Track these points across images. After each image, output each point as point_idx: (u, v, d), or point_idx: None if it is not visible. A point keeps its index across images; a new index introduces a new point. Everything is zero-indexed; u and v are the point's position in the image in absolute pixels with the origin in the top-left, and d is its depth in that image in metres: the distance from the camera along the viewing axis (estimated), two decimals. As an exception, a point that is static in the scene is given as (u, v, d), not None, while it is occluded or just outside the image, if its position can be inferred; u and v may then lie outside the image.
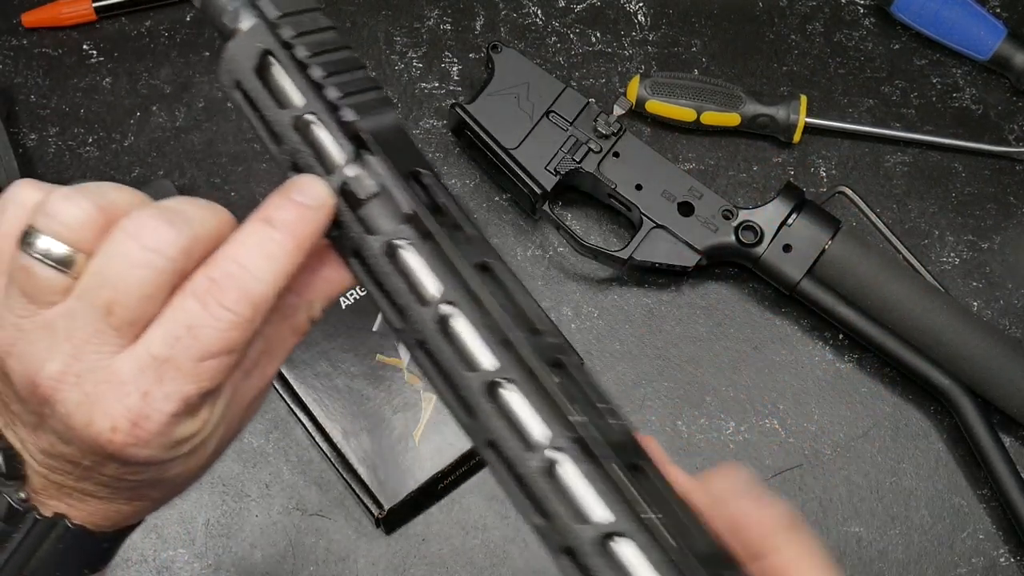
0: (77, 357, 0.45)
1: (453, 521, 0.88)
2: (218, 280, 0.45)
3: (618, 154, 0.92)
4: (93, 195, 0.46)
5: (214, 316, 0.45)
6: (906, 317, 0.89)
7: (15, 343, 0.46)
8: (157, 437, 0.46)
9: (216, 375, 0.46)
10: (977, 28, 0.98)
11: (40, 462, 0.49)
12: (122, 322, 0.45)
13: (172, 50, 1.00)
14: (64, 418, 0.46)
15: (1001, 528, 0.89)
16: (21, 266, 0.45)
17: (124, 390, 0.45)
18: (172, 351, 0.45)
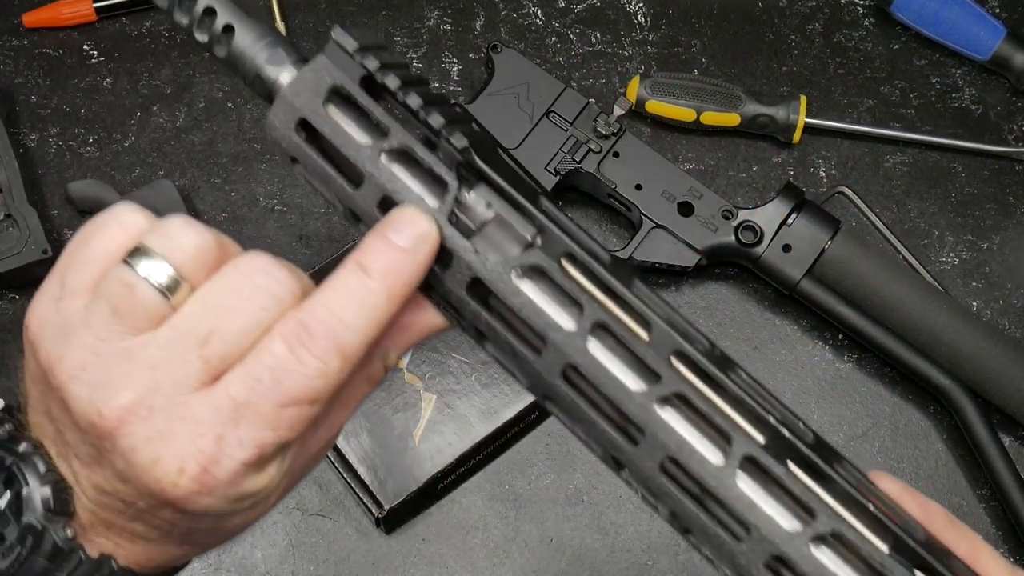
0: (155, 390, 0.43)
1: (453, 521, 0.88)
2: (309, 325, 0.43)
3: (618, 154, 0.92)
4: (213, 231, 0.45)
5: (301, 362, 0.43)
6: (906, 317, 0.89)
7: (86, 367, 0.43)
8: (224, 486, 0.43)
9: (295, 425, 0.43)
10: (977, 28, 0.99)
11: (91, 498, 0.46)
12: (214, 355, 0.43)
13: (173, 50, 1.00)
14: (127, 453, 0.43)
15: (1001, 528, 0.89)
16: (124, 282, 0.43)
17: (198, 430, 0.42)
18: (253, 394, 0.43)
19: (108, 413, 0.43)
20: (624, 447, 0.43)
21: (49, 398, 0.45)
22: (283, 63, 0.48)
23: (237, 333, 0.43)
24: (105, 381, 0.43)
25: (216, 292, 0.44)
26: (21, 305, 0.92)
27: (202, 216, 0.95)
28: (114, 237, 0.45)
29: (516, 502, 0.88)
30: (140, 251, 0.44)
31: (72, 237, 0.46)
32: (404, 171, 0.46)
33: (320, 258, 0.92)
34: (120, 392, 0.43)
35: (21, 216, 0.90)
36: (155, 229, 0.44)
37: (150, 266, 0.43)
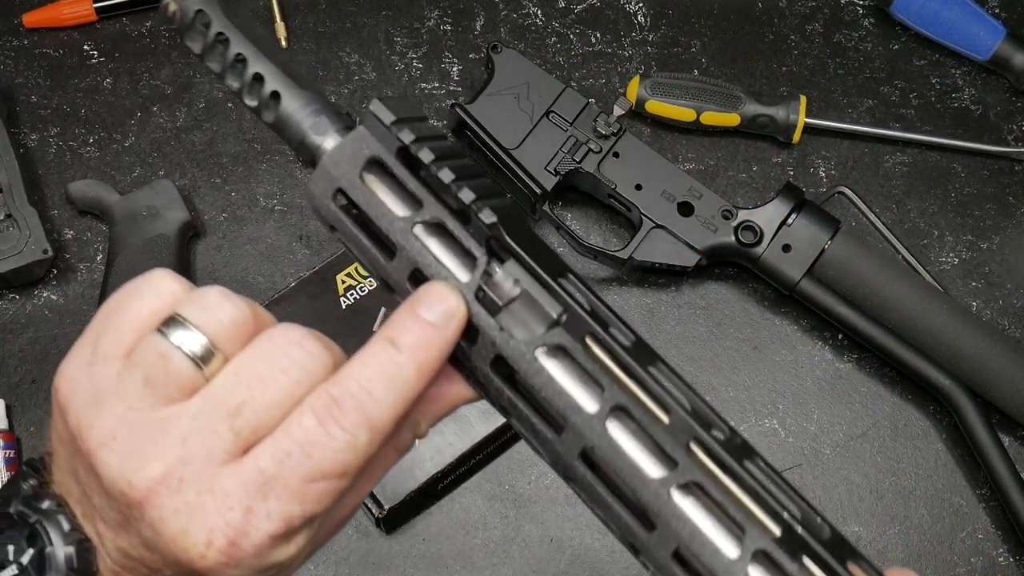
0: (186, 461, 0.43)
1: (453, 521, 0.88)
2: (339, 400, 0.43)
3: (618, 154, 0.92)
4: (248, 301, 0.45)
5: (331, 436, 0.43)
6: (906, 317, 0.89)
7: (116, 436, 0.43)
8: (251, 559, 0.43)
9: (323, 499, 0.43)
10: (976, 28, 0.99)
11: (116, 560, 0.46)
12: (245, 426, 0.43)
13: (173, 50, 1.00)
14: (155, 523, 0.43)
15: (1000, 528, 0.89)
16: (158, 352, 0.43)
17: (227, 503, 0.42)
18: (282, 468, 0.43)
19: (138, 483, 0.43)
20: (639, 533, 0.43)
21: (77, 461, 0.45)
22: (327, 131, 0.48)
23: (268, 405, 0.43)
24: (136, 451, 0.43)
25: (249, 363, 0.44)
26: (21, 305, 0.92)
27: (202, 216, 0.95)
28: (149, 304, 0.45)
29: (516, 502, 0.88)
30: (175, 321, 0.44)
31: (106, 301, 0.46)
32: (437, 243, 0.46)
33: (320, 258, 0.92)
34: (151, 463, 0.43)
35: (21, 216, 0.90)
36: (191, 299, 0.44)
37: (184, 336, 0.43)
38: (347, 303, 0.88)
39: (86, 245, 0.94)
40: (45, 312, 0.92)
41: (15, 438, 0.88)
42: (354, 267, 0.88)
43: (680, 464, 0.43)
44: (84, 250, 0.94)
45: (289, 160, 0.96)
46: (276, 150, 0.97)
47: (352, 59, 1.00)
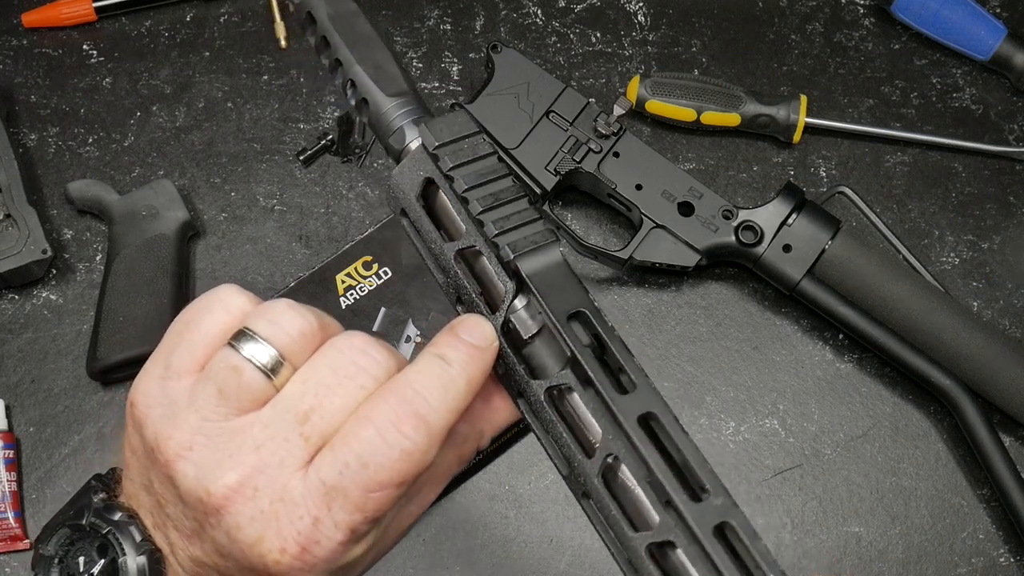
0: (260, 470, 0.44)
1: (453, 521, 0.88)
2: (396, 408, 0.44)
3: (618, 154, 0.92)
4: (314, 311, 0.47)
5: (388, 445, 0.44)
6: (906, 317, 0.89)
7: (193, 447, 0.45)
8: (323, 563, 0.45)
9: (383, 507, 0.45)
10: (977, 28, 0.98)
11: (187, 569, 0.47)
12: (314, 432, 0.44)
13: (172, 50, 1.00)
14: (231, 531, 0.44)
15: (1001, 528, 0.89)
16: (230, 365, 0.45)
17: (297, 512, 0.44)
18: (342, 479, 0.44)
19: (215, 491, 0.44)
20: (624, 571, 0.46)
21: (152, 472, 0.46)
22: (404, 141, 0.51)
23: (336, 411, 0.45)
24: (212, 461, 0.44)
25: (315, 372, 0.45)
26: (20, 305, 0.92)
27: (202, 216, 0.95)
28: (219, 320, 0.47)
29: (516, 502, 0.88)
30: (245, 334, 0.45)
31: (177, 318, 0.48)
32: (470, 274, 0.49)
33: (319, 258, 0.92)
34: (227, 472, 0.44)
35: (21, 216, 0.90)
36: (259, 312, 0.46)
37: (254, 349, 0.45)
38: (347, 303, 0.88)
39: (85, 245, 0.94)
40: (44, 312, 0.92)
41: (15, 438, 0.88)
42: (354, 267, 0.88)
43: (663, 524, 0.45)
44: (83, 250, 0.94)
45: (289, 160, 0.96)
46: (276, 150, 0.97)
47: (352, 59, 0.99)
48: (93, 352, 0.88)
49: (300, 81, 0.99)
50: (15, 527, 0.85)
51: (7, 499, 0.85)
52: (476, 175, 0.48)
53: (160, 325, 0.88)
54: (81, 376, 0.90)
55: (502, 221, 0.47)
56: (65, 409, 0.90)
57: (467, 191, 0.48)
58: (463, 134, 0.49)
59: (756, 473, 0.90)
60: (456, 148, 0.48)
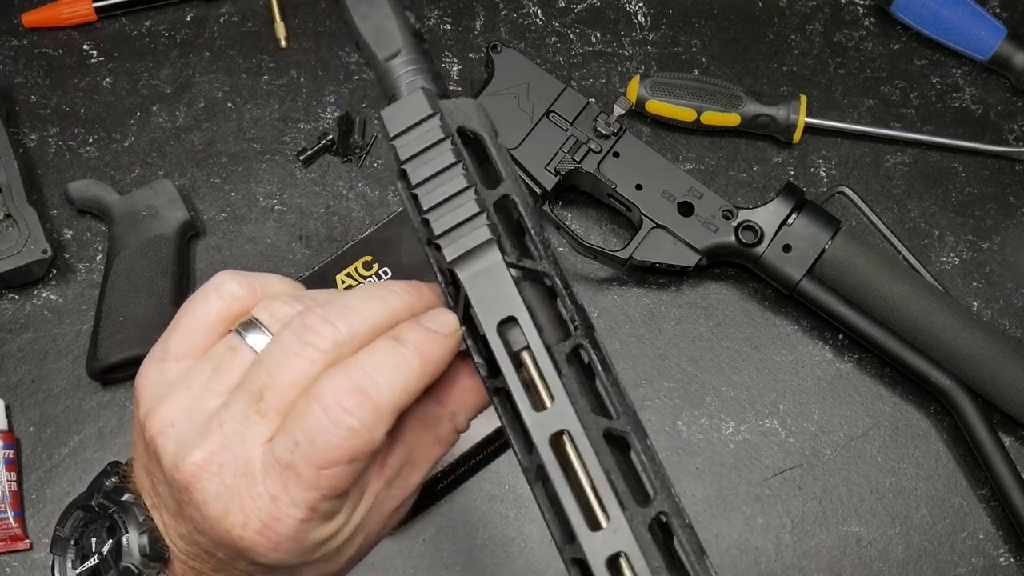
0: (225, 447, 0.46)
1: (453, 521, 0.88)
2: (340, 384, 0.45)
3: (618, 154, 0.92)
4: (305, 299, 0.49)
5: (334, 423, 0.45)
6: (906, 317, 0.89)
7: (175, 424, 0.47)
8: (288, 541, 0.46)
9: (338, 484, 0.46)
10: (977, 28, 0.98)
11: (180, 548, 0.49)
12: (269, 408, 0.46)
13: (172, 50, 1.00)
14: (200, 506, 0.46)
15: (1001, 528, 0.89)
16: (230, 345, 0.48)
17: (257, 489, 0.45)
18: (293, 457, 0.45)
19: (184, 468, 0.46)
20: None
21: (146, 452, 0.48)
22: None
23: (288, 387, 0.46)
24: (187, 438, 0.46)
25: (270, 351, 0.47)
26: (20, 305, 0.92)
27: (202, 216, 0.95)
28: (214, 306, 0.49)
29: (516, 502, 0.88)
30: (251, 323, 0.48)
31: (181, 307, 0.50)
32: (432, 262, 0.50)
33: (319, 258, 0.92)
34: (195, 450, 0.46)
35: (21, 216, 0.90)
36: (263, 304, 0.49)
37: (256, 337, 0.48)
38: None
39: (85, 245, 0.94)
40: (44, 312, 0.92)
41: (15, 438, 0.88)
42: (354, 267, 0.88)
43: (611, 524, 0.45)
44: (83, 250, 0.94)
45: (289, 160, 0.96)
46: (276, 150, 0.97)
47: (352, 59, 0.99)
48: (93, 352, 0.88)
49: (300, 81, 0.99)
50: (15, 527, 0.85)
51: (7, 499, 0.85)
52: (428, 166, 0.48)
53: (160, 325, 0.87)
54: (81, 376, 0.90)
55: (446, 219, 0.47)
56: (65, 409, 0.90)
57: (416, 187, 0.48)
58: (418, 119, 0.48)
59: (756, 473, 0.90)
60: (410, 137, 0.48)
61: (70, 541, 0.51)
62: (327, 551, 0.48)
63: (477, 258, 0.47)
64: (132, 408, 0.90)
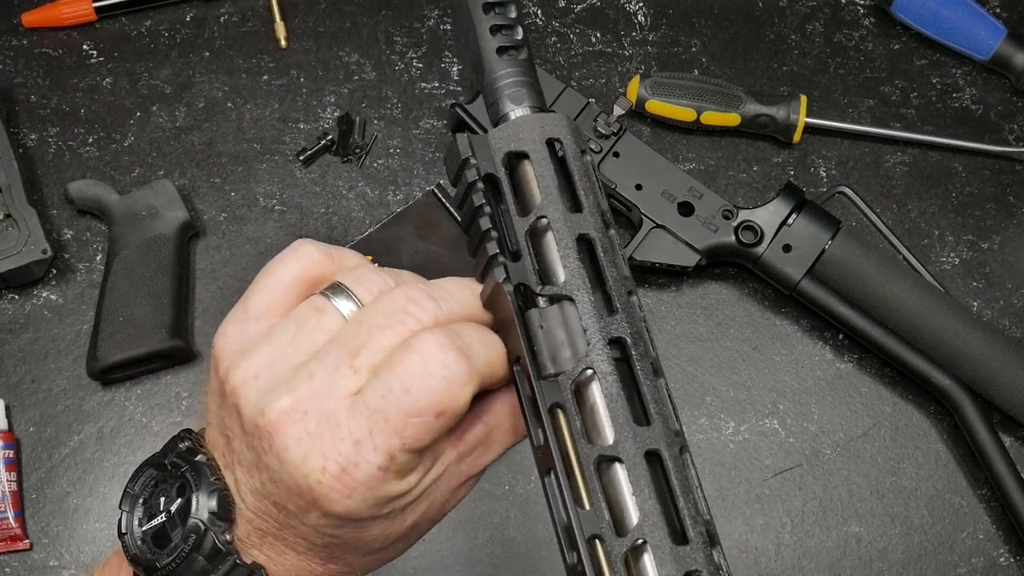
0: (311, 396, 0.47)
1: (453, 521, 0.88)
2: (441, 340, 0.47)
3: (618, 154, 0.92)
4: (392, 274, 0.51)
5: (429, 373, 0.46)
6: (906, 317, 0.89)
7: (259, 375, 0.48)
8: (363, 489, 0.47)
9: (421, 435, 0.47)
10: (977, 28, 0.98)
11: (249, 504, 0.50)
12: (363, 365, 0.47)
13: (172, 50, 1.00)
14: (280, 452, 0.47)
15: (1001, 528, 0.89)
16: (316, 306, 0.50)
17: (339, 434, 0.47)
18: (384, 403, 0.46)
19: (269, 414, 0.47)
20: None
21: (224, 408, 0.50)
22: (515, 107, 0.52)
23: (385, 348, 0.48)
24: (273, 387, 0.48)
25: (371, 314, 0.49)
26: (20, 305, 0.92)
27: (202, 215, 0.95)
28: (291, 268, 0.51)
29: (516, 502, 0.88)
30: (337, 287, 0.50)
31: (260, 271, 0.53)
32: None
33: (320, 258, 0.92)
34: (281, 397, 0.47)
35: (21, 216, 0.90)
36: (349, 270, 0.51)
37: (341, 300, 0.50)
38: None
39: (85, 245, 0.94)
40: (44, 312, 0.92)
41: (15, 438, 0.88)
42: (354, 267, 0.88)
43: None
44: (83, 250, 0.94)
45: (288, 160, 0.96)
46: (275, 150, 0.97)
47: (352, 59, 0.99)
48: (93, 352, 0.88)
49: (300, 81, 0.99)
50: (15, 527, 0.85)
51: (7, 499, 0.85)
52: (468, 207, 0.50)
53: (160, 325, 0.88)
54: (81, 376, 0.90)
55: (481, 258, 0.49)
56: (65, 409, 0.90)
57: (482, 205, 0.49)
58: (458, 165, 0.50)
59: (756, 473, 0.90)
60: (458, 182, 0.50)
61: (139, 499, 0.53)
62: (395, 508, 0.49)
63: None
64: (133, 408, 0.90)
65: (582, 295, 0.47)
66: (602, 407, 0.46)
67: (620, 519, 0.45)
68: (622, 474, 0.45)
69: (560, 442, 0.46)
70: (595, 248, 0.48)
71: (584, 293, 0.47)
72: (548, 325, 0.47)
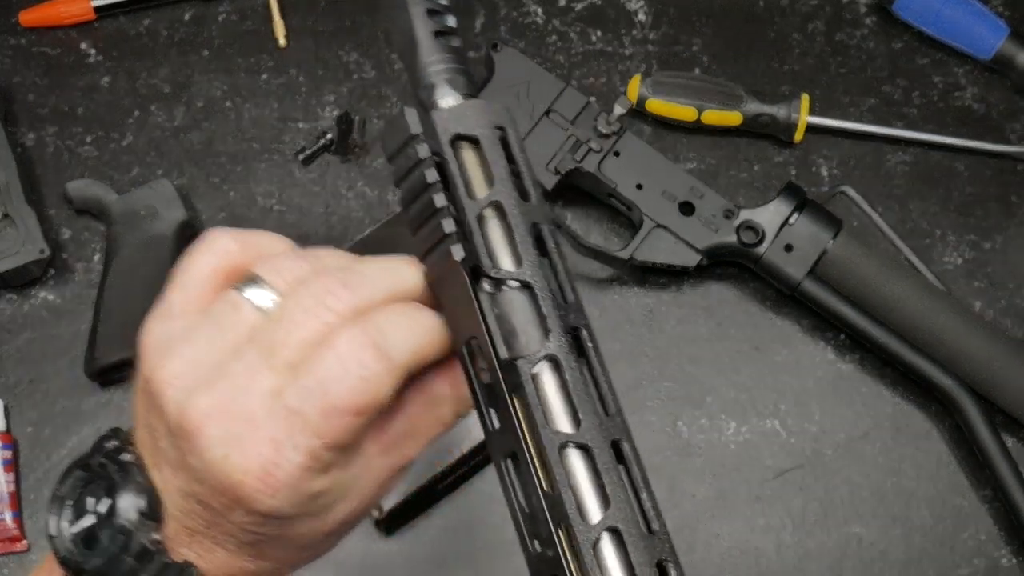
0: (231, 396, 0.47)
1: (453, 522, 0.88)
2: (357, 336, 0.47)
3: (619, 153, 0.92)
4: (311, 257, 0.50)
5: (347, 371, 0.46)
6: (908, 317, 0.89)
7: (180, 376, 0.48)
8: (286, 488, 0.47)
9: (341, 434, 0.47)
10: (979, 27, 0.98)
11: (176, 505, 0.50)
12: (280, 362, 0.47)
13: (171, 49, 0.99)
14: (202, 452, 0.47)
15: (1003, 529, 0.89)
16: (232, 301, 0.49)
17: (260, 435, 0.46)
18: (303, 404, 0.46)
19: (190, 414, 0.47)
20: None
21: (149, 409, 0.49)
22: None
23: (302, 345, 0.47)
24: (193, 387, 0.47)
25: (287, 309, 0.48)
26: (18, 305, 0.92)
27: (201, 215, 0.94)
28: (207, 262, 0.51)
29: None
30: (252, 279, 0.49)
31: None
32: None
33: (319, 258, 0.91)
34: (202, 396, 0.47)
35: (19, 216, 0.90)
36: (264, 260, 0.50)
37: (256, 292, 0.49)
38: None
39: (84, 245, 0.93)
40: (42, 312, 0.92)
41: (13, 439, 0.88)
42: (353, 267, 0.88)
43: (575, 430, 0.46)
44: (82, 250, 0.93)
45: (288, 160, 0.96)
46: (275, 150, 0.97)
47: (351, 58, 0.99)
48: (91, 352, 0.88)
49: (299, 80, 0.99)
50: (13, 528, 0.85)
51: (5, 500, 0.85)
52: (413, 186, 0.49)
53: (159, 325, 0.88)
54: (79, 376, 0.90)
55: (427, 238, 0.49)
56: (63, 409, 0.89)
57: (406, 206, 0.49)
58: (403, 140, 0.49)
59: (757, 474, 0.90)
60: (399, 160, 0.50)
61: (67, 500, 0.52)
62: (320, 505, 0.49)
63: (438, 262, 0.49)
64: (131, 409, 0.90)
65: (539, 280, 0.47)
66: (561, 395, 0.46)
67: (583, 507, 0.45)
68: (585, 462, 0.45)
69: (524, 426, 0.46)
70: (545, 238, 0.48)
71: (541, 279, 0.47)
72: (507, 309, 0.46)
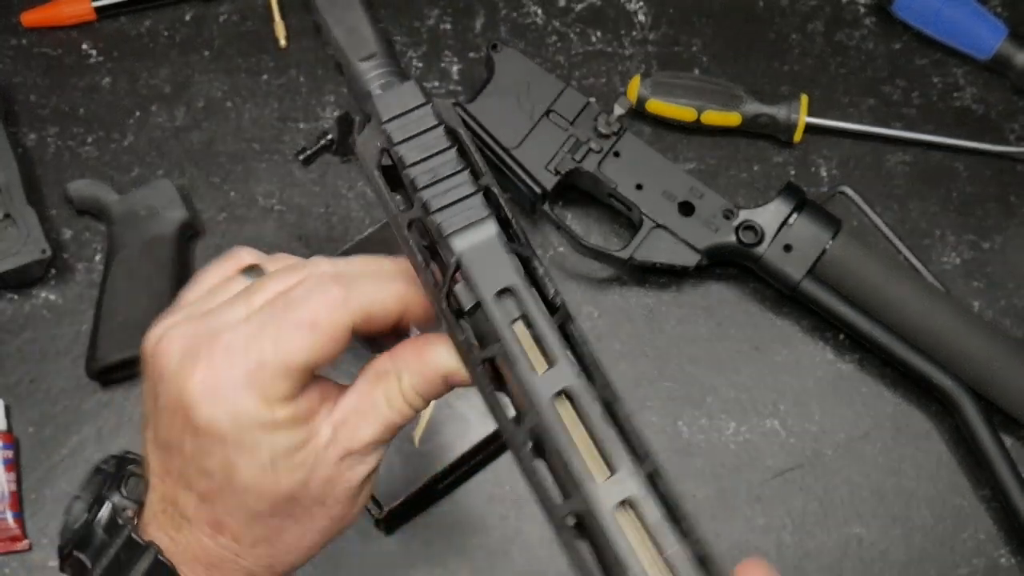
0: (205, 324, 0.51)
1: (453, 521, 0.88)
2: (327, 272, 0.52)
3: (618, 154, 0.92)
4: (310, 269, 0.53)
5: (309, 291, 0.51)
6: (907, 317, 0.89)
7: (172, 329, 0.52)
8: (226, 401, 0.49)
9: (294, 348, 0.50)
10: (978, 27, 0.98)
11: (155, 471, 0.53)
12: (259, 300, 0.52)
13: (172, 49, 0.99)
14: (164, 369, 0.51)
15: (1002, 529, 0.89)
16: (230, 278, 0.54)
17: (216, 344, 0.50)
18: (264, 317, 0.51)
19: (164, 345, 0.51)
20: None
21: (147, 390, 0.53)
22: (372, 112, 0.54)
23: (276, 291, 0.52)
24: (174, 325, 0.52)
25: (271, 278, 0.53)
26: (19, 305, 0.92)
27: (201, 215, 0.95)
28: (229, 267, 0.55)
29: (516, 502, 0.88)
30: (254, 268, 0.54)
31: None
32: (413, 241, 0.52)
33: (320, 258, 0.91)
34: (180, 328, 0.52)
35: (20, 216, 0.90)
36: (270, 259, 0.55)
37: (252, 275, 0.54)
38: (346, 303, 0.88)
39: (85, 245, 0.94)
40: (43, 312, 0.92)
41: (14, 439, 0.88)
42: (353, 267, 0.88)
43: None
44: (83, 250, 0.93)
45: (288, 160, 0.96)
46: (275, 149, 0.97)
47: (352, 58, 0.99)
48: (92, 352, 0.88)
49: (300, 81, 0.99)
50: (14, 528, 0.85)
51: (6, 499, 0.85)
52: (420, 149, 0.51)
53: (159, 325, 0.88)
54: (80, 376, 0.90)
55: (440, 197, 0.50)
56: (64, 409, 0.89)
57: (409, 167, 0.50)
58: (413, 105, 0.51)
59: (757, 474, 0.90)
60: (404, 122, 0.51)
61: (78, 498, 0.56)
62: (264, 448, 0.50)
63: (474, 232, 0.49)
64: (132, 409, 0.90)
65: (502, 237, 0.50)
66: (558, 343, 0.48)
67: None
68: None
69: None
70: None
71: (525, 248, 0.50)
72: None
